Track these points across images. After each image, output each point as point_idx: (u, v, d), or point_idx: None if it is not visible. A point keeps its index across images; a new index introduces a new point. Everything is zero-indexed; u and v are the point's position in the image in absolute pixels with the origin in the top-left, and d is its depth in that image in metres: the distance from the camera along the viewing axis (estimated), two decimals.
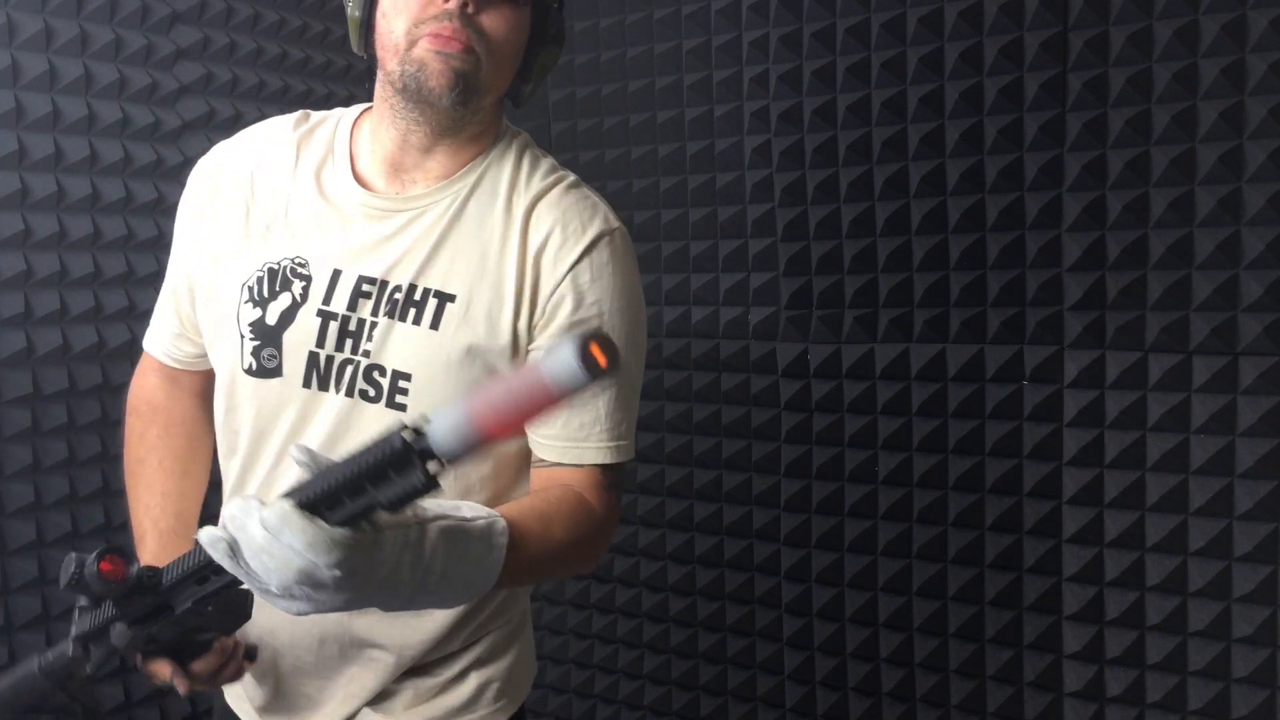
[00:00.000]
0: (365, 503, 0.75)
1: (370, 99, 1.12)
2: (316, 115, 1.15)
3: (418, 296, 1.03)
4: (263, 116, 2.38)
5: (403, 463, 0.73)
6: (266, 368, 1.05)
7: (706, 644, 2.18)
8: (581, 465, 1.05)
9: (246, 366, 1.07)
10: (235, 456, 1.13)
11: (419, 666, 1.11)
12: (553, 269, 1.03)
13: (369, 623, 1.07)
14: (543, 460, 1.06)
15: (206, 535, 0.76)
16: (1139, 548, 1.72)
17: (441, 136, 1.05)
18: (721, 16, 1.99)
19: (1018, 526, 1.83)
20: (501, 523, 0.88)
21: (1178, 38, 1.59)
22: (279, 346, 1.04)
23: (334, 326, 1.03)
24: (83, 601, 0.95)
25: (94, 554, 0.89)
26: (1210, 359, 1.64)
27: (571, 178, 1.10)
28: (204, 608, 0.92)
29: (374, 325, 1.02)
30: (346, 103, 1.18)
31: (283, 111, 1.22)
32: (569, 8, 2.19)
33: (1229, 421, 1.63)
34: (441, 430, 0.72)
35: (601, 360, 0.69)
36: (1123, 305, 1.69)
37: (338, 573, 0.72)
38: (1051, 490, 1.79)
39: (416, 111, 1.02)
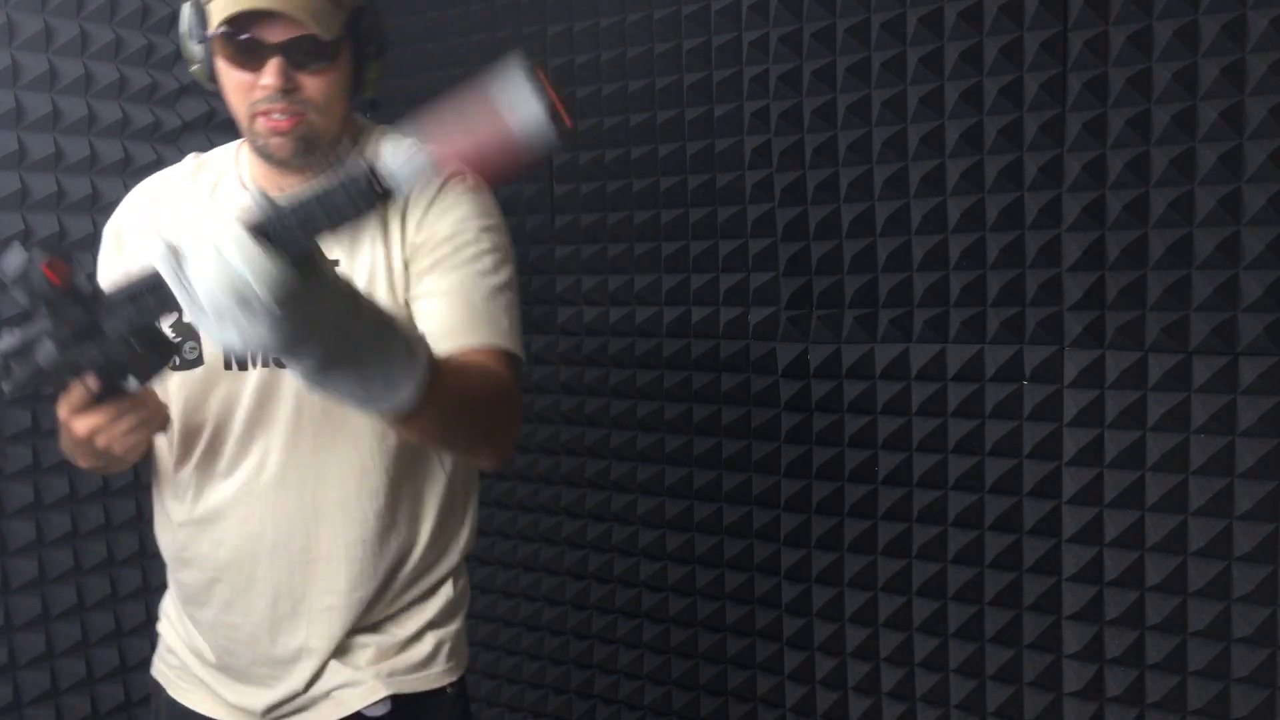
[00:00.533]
0: (313, 223, 0.78)
1: None
2: (207, 154, 1.28)
3: None
4: None
5: (359, 187, 0.77)
6: (188, 359, 1.16)
7: (706, 644, 2.18)
8: (486, 346, 1.11)
9: (172, 363, 1.13)
10: (168, 451, 1.22)
11: (377, 624, 1.20)
12: (413, 217, 1.15)
13: (318, 572, 1.17)
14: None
15: (157, 242, 0.78)
16: (1139, 548, 1.72)
17: (299, 169, 1.16)
18: (721, 16, 1.99)
19: (1018, 526, 1.83)
20: (424, 338, 0.94)
21: (1178, 38, 1.59)
22: (198, 339, 1.16)
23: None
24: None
25: (41, 256, 0.91)
26: (1210, 359, 1.64)
27: (391, 133, 1.22)
28: (130, 339, 0.93)
29: None
30: None
31: None
32: (573, 8, 2.19)
33: (1229, 421, 1.63)
34: (403, 174, 0.77)
35: (566, 119, 0.70)
36: (1123, 305, 1.69)
37: (271, 297, 0.74)
38: (1051, 490, 1.79)
39: (271, 163, 1.17)
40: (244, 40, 1.08)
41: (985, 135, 1.76)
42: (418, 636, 1.22)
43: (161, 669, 1.33)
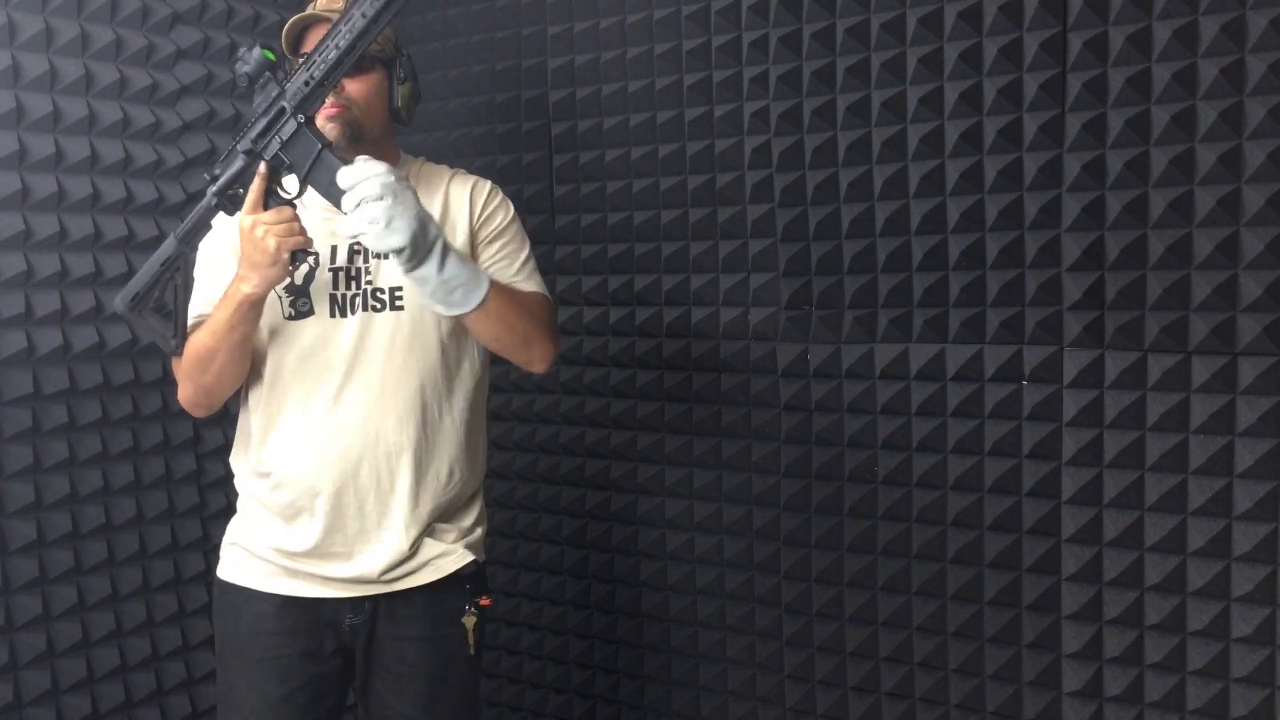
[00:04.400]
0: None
1: None
2: None
3: None
4: None
5: None
6: (302, 311, 1.52)
7: (706, 643, 2.18)
8: (529, 290, 1.60)
9: (287, 315, 1.53)
10: (276, 388, 1.55)
11: (451, 516, 1.61)
12: (481, 206, 1.62)
13: (412, 458, 1.54)
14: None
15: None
16: (1138, 547, 1.72)
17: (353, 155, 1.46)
18: (721, 17, 1.99)
19: (1017, 526, 1.83)
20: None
21: (1177, 38, 1.59)
22: (308, 295, 1.52)
23: (342, 276, 1.53)
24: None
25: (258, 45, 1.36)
26: (1210, 359, 1.64)
27: (459, 170, 1.67)
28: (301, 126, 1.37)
29: (368, 267, 1.54)
30: None
31: None
32: (573, 8, 2.20)
33: (1228, 421, 1.63)
34: None
35: None
36: (1122, 305, 1.69)
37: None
38: (1051, 490, 1.79)
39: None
40: (302, 54, 1.47)
41: (985, 135, 1.76)
42: (474, 527, 1.65)
43: (241, 570, 1.59)
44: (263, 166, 1.37)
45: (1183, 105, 1.60)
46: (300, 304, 1.52)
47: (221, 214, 1.45)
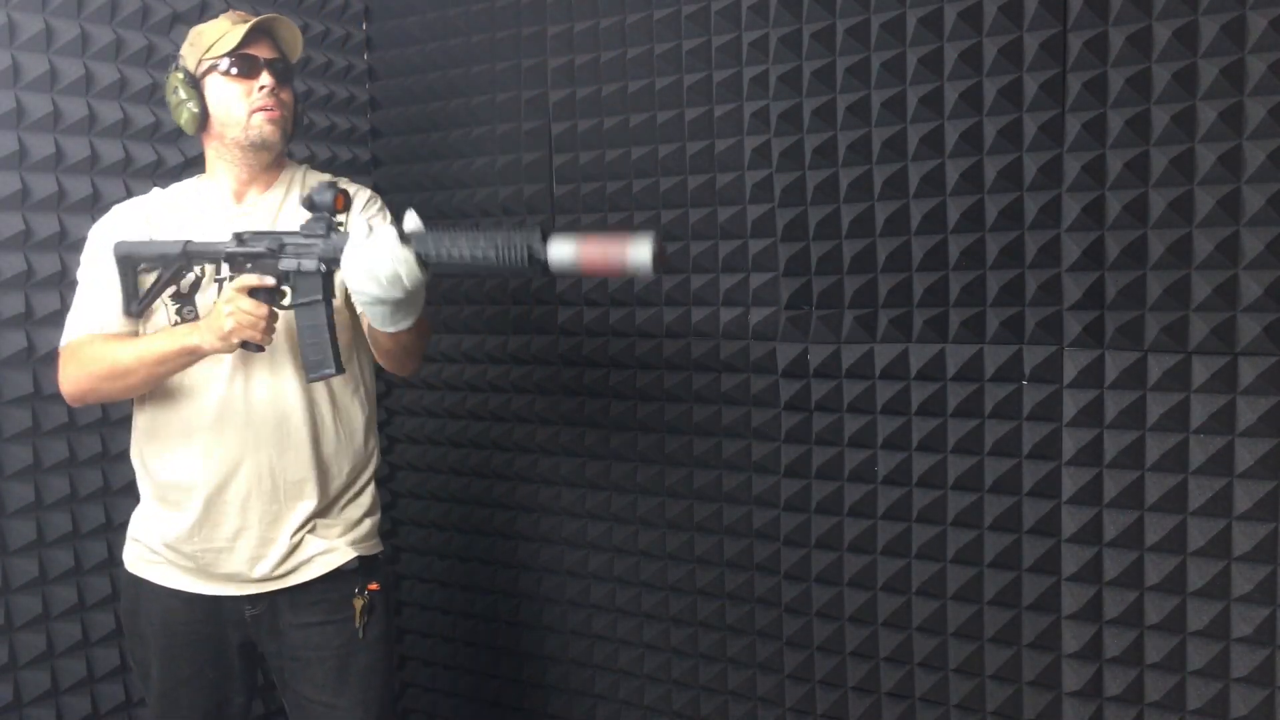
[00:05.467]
0: (457, 250, 1.33)
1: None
2: (167, 189, 1.71)
3: None
4: None
5: (523, 250, 1.28)
6: (187, 318, 1.57)
7: (706, 643, 2.18)
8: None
9: (173, 321, 1.59)
10: (163, 390, 1.61)
11: (336, 510, 1.68)
12: (360, 214, 1.69)
13: (294, 453, 1.62)
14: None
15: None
16: (1138, 547, 1.72)
17: (260, 170, 1.67)
18: (721, 16, 1.99)
19: (1017, 526, 1.83)
20: None
21: (1177, 38, 1.59)
22: (194, 304, 1.59)
23: (227, 284, 1.54)
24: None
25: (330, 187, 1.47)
26: (1210, 359, 1.64)
27: (341, 179, 1.68)
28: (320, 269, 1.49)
29: None
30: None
31: None
32: (573, 8, 2.20)
33: (1228, 421, 1.63)
34: (557, 255, 1.27)
35: (664, 261, 1.17)
36: (1122, 305, 1.69)
37: (410, 283, 1.35)
38: (1051, 490, 1.79)
39: (252, 156, 1.64)
40: (246, 55, 1.59)
41: (985, 135, 1.76)
42: (361, 520, 1.72)
43: (143, 565, 1.67)
44: (271, 279, 1.49)
45: (1183, 105, 1.60)
46: (186, 311, 1.59)
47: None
